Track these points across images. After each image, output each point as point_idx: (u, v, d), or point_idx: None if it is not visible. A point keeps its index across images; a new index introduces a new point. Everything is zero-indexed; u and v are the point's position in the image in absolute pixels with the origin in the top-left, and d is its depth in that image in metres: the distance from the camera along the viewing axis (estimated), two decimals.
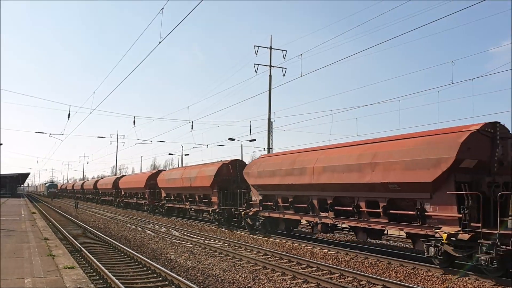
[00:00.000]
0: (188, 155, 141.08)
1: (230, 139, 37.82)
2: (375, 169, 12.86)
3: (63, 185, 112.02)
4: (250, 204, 20.81)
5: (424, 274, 11.00)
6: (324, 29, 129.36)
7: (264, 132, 34.98)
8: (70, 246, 15.33)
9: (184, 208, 31.14)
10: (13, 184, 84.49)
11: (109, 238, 17.25)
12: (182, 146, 63.95)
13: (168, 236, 19.29)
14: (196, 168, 28.06)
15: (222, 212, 23.70)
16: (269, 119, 34.16)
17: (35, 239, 14.91)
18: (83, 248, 13.87)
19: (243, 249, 15.52)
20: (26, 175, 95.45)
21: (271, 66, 33.88)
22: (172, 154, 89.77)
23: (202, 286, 9.51)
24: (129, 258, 13.12)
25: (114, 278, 9.47)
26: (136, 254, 13.03)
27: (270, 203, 18.88)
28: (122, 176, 51.39)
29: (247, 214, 20.41)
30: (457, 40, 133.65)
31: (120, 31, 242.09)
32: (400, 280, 10.26)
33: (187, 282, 9.15)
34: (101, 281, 9.87)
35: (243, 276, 10.64)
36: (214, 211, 24.57)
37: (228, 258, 13.43)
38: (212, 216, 25.05)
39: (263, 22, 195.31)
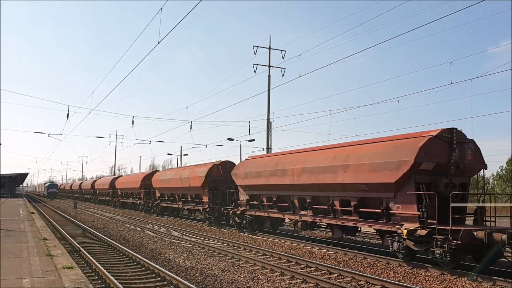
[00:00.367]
0: (187, 155, 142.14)
1: (229, 139, 38.14)
2: (347, 170, 13.92)
3: (61, 185, 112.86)
4: (237, 203, 21.84)
5: (423, 274, 11.08)
6: (323, 29, 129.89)
7: (263, 132, 35.42)
8: (69, 246, 15.24)
9: (177, 208, 32.16)
10: (12, 184, 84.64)
11: (107, 238, 17.25)
12: (181, 146, 64.52)
13: (167, 236, 19.31)
14: (188, 169, 29.20)
15: (212, 211, 24.76)
16: (268, 119, 34.65)
17: (33, 239, 14.97)
18: (81, 248, 13.84)
19: (241, 249, 15.56)
20: (25, 175, 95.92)
21: (270, 66, 34.34)
22: (171, 154, 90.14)
23: (200, 286, 9.54)
24: (127, 258, 13.09)
25: (112, 278, 9.48)
26: (135, 254, 13.03)
27: (256, 203, 19.91)
28: (118, 177, 52.55)
29: (235, 213, 21.44)
30: (456, 40, 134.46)
31: (120, 31, 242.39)
32: (398, 280, 10.35)
33: (185, 282, 9.13)
34: (99, 281, 9.89)
35: (242, 276, 10.67)
36: (205, 210, 25.64)
37: (227, 258, 13.47)
38: (203, 215, 26.15)
39: (262, 22, 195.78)
